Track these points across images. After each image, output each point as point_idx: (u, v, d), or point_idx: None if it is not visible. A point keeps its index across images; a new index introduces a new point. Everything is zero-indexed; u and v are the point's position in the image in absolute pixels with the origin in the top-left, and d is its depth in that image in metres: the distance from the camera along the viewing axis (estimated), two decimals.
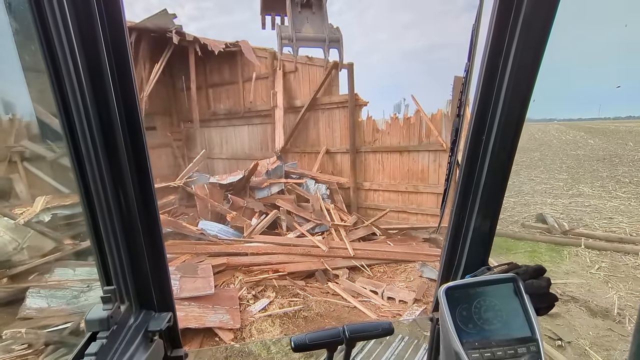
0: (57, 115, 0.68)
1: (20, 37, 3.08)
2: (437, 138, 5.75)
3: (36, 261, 3.55)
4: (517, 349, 0.77)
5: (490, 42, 0.73)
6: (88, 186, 0.73)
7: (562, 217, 7.29)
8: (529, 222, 7.02)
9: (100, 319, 0.70)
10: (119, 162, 0.73)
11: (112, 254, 0.80)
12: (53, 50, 0.62)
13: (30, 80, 3.97)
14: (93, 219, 0.77)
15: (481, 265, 0.92)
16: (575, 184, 10.76)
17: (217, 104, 9.04)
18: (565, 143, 24.49)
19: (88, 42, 0.63)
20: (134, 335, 0.79)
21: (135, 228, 0.80)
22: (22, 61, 3.36)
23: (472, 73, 0.80)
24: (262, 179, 6.50)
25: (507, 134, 0.78)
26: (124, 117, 0.72)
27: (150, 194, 0.81)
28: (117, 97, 0.70)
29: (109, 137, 0.70)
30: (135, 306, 0.87)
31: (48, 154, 4.99)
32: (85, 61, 0.63)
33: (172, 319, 0.90)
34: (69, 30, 0.60)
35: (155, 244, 0.85)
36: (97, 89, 0.66)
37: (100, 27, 0.63)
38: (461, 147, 0.87)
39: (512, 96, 0.74)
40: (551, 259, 5.37)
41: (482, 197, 0.85)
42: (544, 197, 9.28)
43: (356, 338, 0.96)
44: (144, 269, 0.85)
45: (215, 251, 4.85)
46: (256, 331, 3.56)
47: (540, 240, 6.13)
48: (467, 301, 0.84)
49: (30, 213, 3.75)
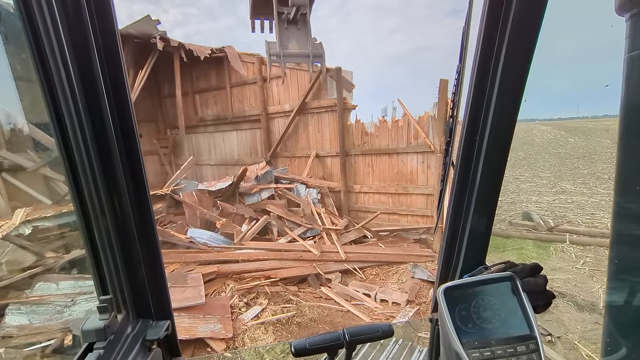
0: (50, 124, 0.67)
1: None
2: (424, 140, 5.84)
3: (16, 276, 3.40)
4: (516, 347, 0.77)
5: (480, 43, 0.74)
6: (82, 194, 0.72)
7: (547, 214, 7.49)
8: (515, 220, 7.18)
9: (97, 329, 0.69)
10: (113, 169, 0.73)
11: (107, 263, 0.79)
12: (44, 58, 0.61)
13: (6, 88, 3.85)
14: (88, 227, 0.76)
15: (478, 265, 0.93)
16: (558, 182, 11.09)
17: (205, 110, 8.94)
18: (547, 142, 25.23)
19: (80, 49, 0.62)
20: (131, 344, 0.78)
21: (130, 236, 0.80)
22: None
23: (464, 74, 0.81)
24: (252, 185, 6.44)
25: (500, 134, 0.79)
26: (117, 124, 0.72)
27: (145, 201, 0.80)
28: (111, 104, 0.69)
29: (102, 145, 0.70)
30: (132, 315, 0.85)
31: (28, 164, 4.82)
32: (77, 68, 0.63)
33: (170, 327, 0.89)
34: (60, 37, 0.60)
35: (151, 252, 0.84)
36: (89, 96, 0.66)
37: (92, 33, 0.63)
38: (455, 148, 0.89)
39: (504, 96, 0.75)
40: (538, 256, 5.49)
41: (477, 197, 0.86)
42: (529, 195, 9.52)
43: (356, 341, 0.96)
44: (140, 277, 0.84)
45: (205, 259, 4.77)
46: (249, 340, 3.50)
47: (527, 238, 6.27)
48: (465, 301, 0.85)
49: (9, 226, 3.60)
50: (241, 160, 8.19)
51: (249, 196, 6.35)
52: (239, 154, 8.45)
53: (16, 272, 3.45)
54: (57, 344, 2.97)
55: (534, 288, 0.83)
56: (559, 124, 47.60)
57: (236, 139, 8.48)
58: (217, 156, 8.94)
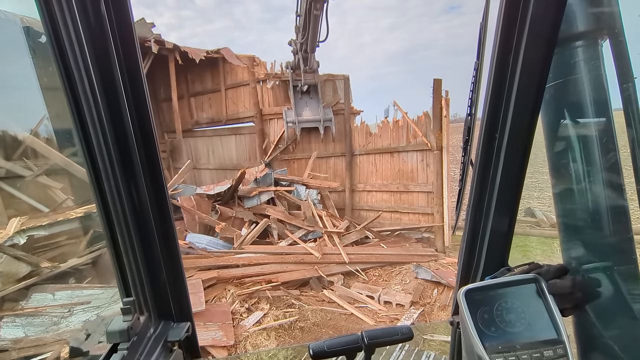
0: (74, 133, 0.71)
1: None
2: (422, 138, 5.94)
3: (10, 288, 3.32)
4: (542, 351, 0.73)
5: (499, 39, 0.71)
6: (106, 200, 0.75)
7: (549, 210, 7.42)
8: (518, 217, 7.10)
9: (121, 330, 0.72)
10: (134, 175, 0.76)
11: (130, 266, 0.82)
12: (69, 69, 0.65)
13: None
14: (111, 232, 0.79)
15: (500, 266, 0.90)
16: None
17: (200, 113, 8.89)
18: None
19: (102, 60, 0.66)
20: (153, 345, 0.81)
21: (152, 240, 0.82)
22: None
23: (482, 71, 0.79)
24: (251, 188, 6.37)
25: (521, 130, 0.76)
26: (138, 131, 0.75)
27: (165, 205, 0.83)
28: (131, 113, 0.73)
29: (124, 152, 0.73)
30: (154, 317, 0.88)
31: (26, 172, 4.76)
32: (100, 79, 0.67)
33: (190, 328, 0.91)
34: (83, 49, 0.64)
35: (171, 255, 0.87)
36: (112, 106, 0.69)
37: (113, 44, 0.67)
38: (474, 146, 0.86)
39: (524, 92, 0.72)
40: (542, 252, 5.42)
41: (498, 196, 0.84)
42: (531, 191, 9.45)
43: (375, 344, 0.96)
44: (161, 280, 0.87)
45: (204, 265, 4.69)
46: (251, 346, 3.42)
47: (531, 234, 6.20)
48: (488, 303, 0.82)
49: (3, 236, 3.52)
50: (240, 165, 8.13)
51: (249, 199, 6.28)
52: (237, 158, 8.40)
53: (10, 284, 3.37)
54: (54, 357, 2.89)
55: (560, 290, 0.79)
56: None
57: (235, 143, 8.44)
58: (215, 160, 8.88)
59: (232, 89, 8.04)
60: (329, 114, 6.55)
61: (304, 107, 6.49)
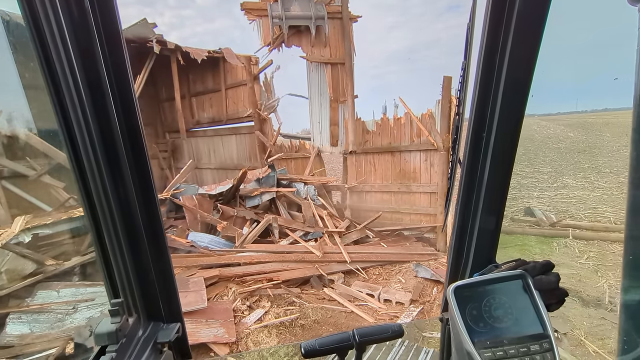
0: (59, 131, 0.68)
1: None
2: (427, 137, 5.77)
3: (16, 285, 3.37)
4: (529, 346, 0.75)
5: (485, 39, 0.72)
6: (92, 200, 0.74)
7: (549, 209, 7.45)
8: (517, 216, 7.14)
9: (109, 332, 0.70)
10: (121, 174, 0.74)
11: (118, 267, 0.80)
12: (52, 66, 0.62)
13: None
14: (98, 232, 0.77)
15: (488, 263, 0.92)
16: (559, 177, 11.05)
17: (201, 113, 8.92)
18: (546, 137, 25.17)
19: (86, 56, 0.64)
20: (143, 347, 0.79)
21: (140, 239, 0.81)
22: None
23: (469, 71, 0.80)
24: (253, 187, 6.41)
25: (508, 130, 0.78)
26: (124, 129, 0.73)
27: (153, 205, 0.81)
28: (117, 110, 0.70)
29: (110, 151, 0.71)
30: (143, 318, 0.86)
31: (29, 172, 4.80)
32: (84, 76, 0.64)
33: (180, 329, 0.90)
34: (66, 44, 0.61)
35: (160, 255, 0.85)
36: (97, 103, 0.67)
37: (98, 40, 0.64)
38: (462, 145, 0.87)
39: (511, 92, 0.73)
40: (541, 252, 5.46)
41: (485, 194, 0.85)
42: (530, 191, 9.48)
43: (366, 342, 0.96)
44: (150, 280, 0.85)
45: (206, 263, 4.73)
46: (252, 343, 3.47)
47: (530, 234, 6.24)
48: (476, 300, 0.83)
49: (9, 235, 3.57)
50: (240, 164, 8.17)
51: (250, 199, 6.32)
52: (238, 158, 8.43)
53: (16, 281, 3.42)
54: (59, 352, 2.94)
55: (546, 286, 0.81)
56: (557, 119, 47.59)
57: (235, 143, 8.46)
58: (216, 160, 8.91)
59: (232, 88, 8.07)
60: (321, 11, 5.35)
61: (292, 1, 5.29)
